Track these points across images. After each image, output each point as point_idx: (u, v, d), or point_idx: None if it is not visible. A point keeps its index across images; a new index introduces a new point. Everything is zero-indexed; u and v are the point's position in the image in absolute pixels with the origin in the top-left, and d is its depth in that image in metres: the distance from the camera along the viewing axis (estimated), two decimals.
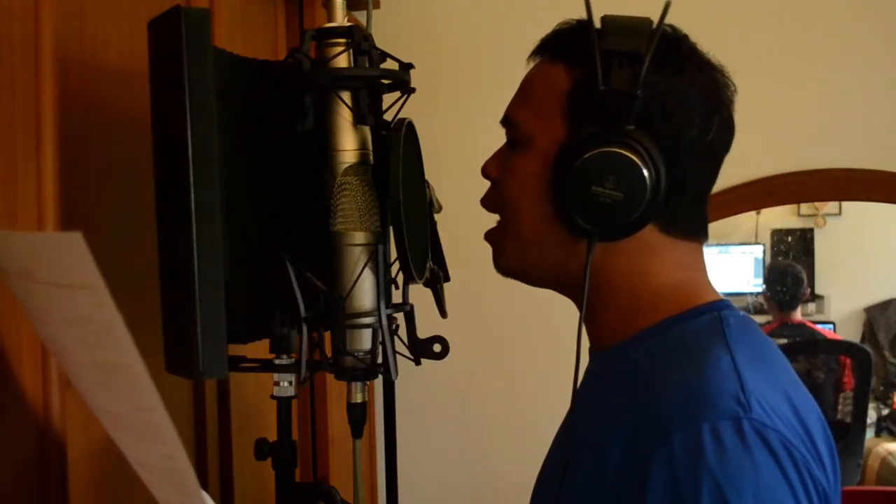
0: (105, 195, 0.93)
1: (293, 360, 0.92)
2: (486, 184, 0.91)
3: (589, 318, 0.86)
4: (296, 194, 0.95)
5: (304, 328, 0.90)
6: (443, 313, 1.02)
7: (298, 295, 0.90)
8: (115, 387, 0.60)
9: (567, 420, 0.88)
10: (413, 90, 0.96)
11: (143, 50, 0.84)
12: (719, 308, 0.80)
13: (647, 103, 0.76)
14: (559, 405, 0.87)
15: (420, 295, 0.99)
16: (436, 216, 1.03)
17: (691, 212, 0.82)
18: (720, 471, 0.65)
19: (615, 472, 0.72)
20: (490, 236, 0.90)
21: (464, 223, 2.00)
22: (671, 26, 0.80)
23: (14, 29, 0.77)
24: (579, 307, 0.82)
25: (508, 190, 0.85)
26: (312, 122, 0.91)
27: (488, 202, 0.89)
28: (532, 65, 0.88)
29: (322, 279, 0.91)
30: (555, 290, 0.88)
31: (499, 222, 0.88)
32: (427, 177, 1.01)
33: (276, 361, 0.93)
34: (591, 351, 0.89)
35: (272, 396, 0.95)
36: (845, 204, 4.87)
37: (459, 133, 1.98)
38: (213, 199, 0.79)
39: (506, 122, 0.87)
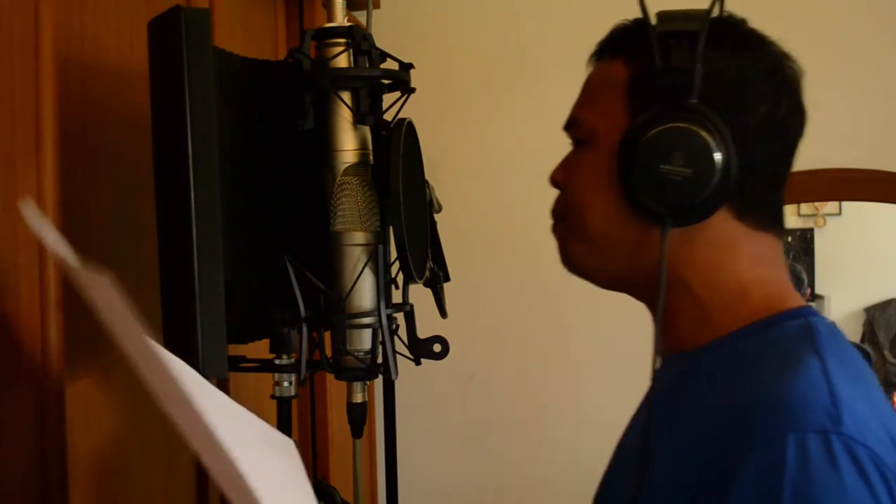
0: (105, 195, 0.93)
1: (293, 360, 0.92)
2: (484, 184, 0.91)
3: (664, 321, 0.81)
4: (296, 194, 0.94)
5: (304, 328, 0.90)
6: (443, 313, 1.02)
7: (298, 295, 0.90)
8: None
9: (642, 425, 0.83)
10: (413, 90, 0.96)
11: (143, 50, 0.84)
12: (807, 314, 0.77)
13: (709, 78, 0.73)
14: (559, 405, 0.87)
15: (420, 295, 0.99)
16: (436, 216, 1.03)
17: (767, 197, 0.79)
18: (803, 487, 0.62)
19: (697, 480, 0.69)
20: (558, 231, 0.86)
21: (464, 223, 2.01)
22: (730, 13, 0.78)
23: (14, 29, 0.77)
24: (652, 309, 0.79)
25: (574, 190, 0.82)
26: (312, 122, 0.91)
27: (556, 206, 0.85)
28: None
29: (322, 279, 0.91)
30: (625, 291, 0.85)
31: (566, 224, 0.85)
32: (427, 177, 1.01)
33: (276, 361, 0.93)
34: (665, 355, 0.84)
35: (272, 396, 0.95)
36: (845, 204, 4.87)
37: (459, 133, 1.98)
38: (213, 199, 0.79)
39: (569, 125, 0.84)
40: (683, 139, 0.74)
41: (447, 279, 1.03)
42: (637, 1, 0.76)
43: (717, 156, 0.73)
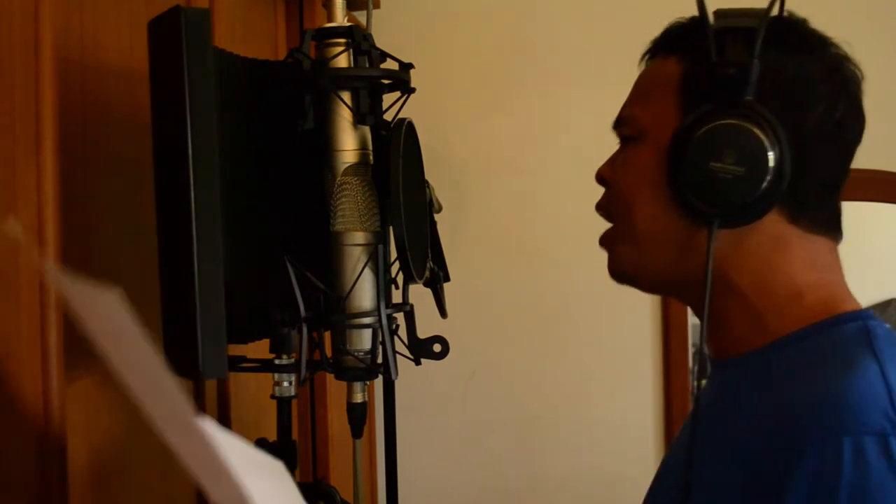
0: (105, 195, 0.92)
1: (293, 360, 0.92)
2: (484, 184, 0.91)
3: (711, 325, 0.79)
4: (296, 194, 0.94)
5: (304, 328, 0.90)
6: (443, 313, 1.02)
7: (298, 295, 0.90)
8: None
9: (689, 432, 0.80)
10: (413, 90, 0.96)
11: (143, 50, 0.84)
12: (865, 318, 0.74)
13: (766, 76, 0.71)
14: (559, 405, 0.87)
15: (420, 295, 0.99)
16: (436, 216, 1.03)
17: (821, 201, 0.76)
18: (859, 491, 0.60)
19: (748, 480, 0.67)
20: (605, 241, 0.83)
21: (464, 223, 2.01)
22: (790, 12, 0.77)
23: (14, 29, 0.77)
24: (699, 314, 0.76)
25: (621, 186, 0.80)
26: (312, 122, 0.91)
27: (602, 206, 0.83)
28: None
29: (322, 279, 0.91)
30: (671, 294, 0.83)
31: (613, 226, 0.83)
32: (427, 177, 1.01)
33: (276, 361, 0.93)
34: (715, 361, 0.82)
35: (272, 396, 0.95)
36: (845, 204, 4.86)
37: (460, 133, 1.98)
38: (213, 199, 0.79)
39: (618, 123, 0.82)
40: (736, 137, 0.71)
41: (447, 279, 1.03)
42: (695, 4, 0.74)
43: (771, 155, 0.71)
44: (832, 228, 0.78)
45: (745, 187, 0.71)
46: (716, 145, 0.72)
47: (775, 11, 0.75)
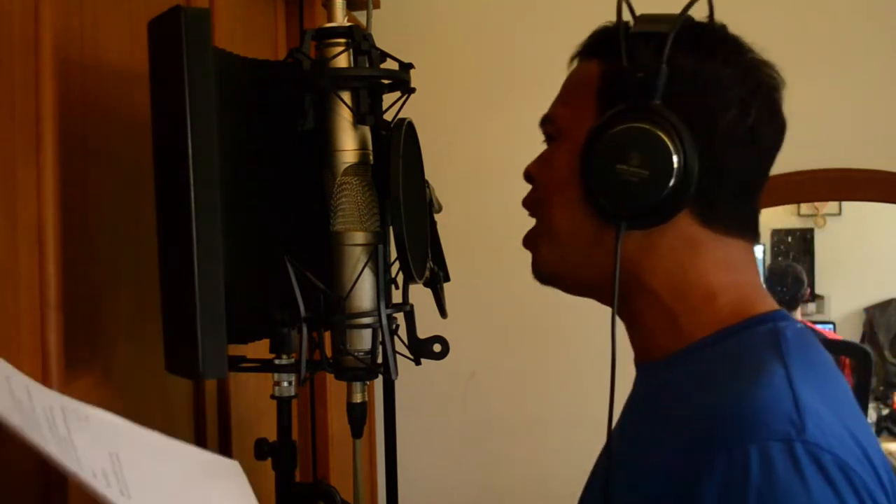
0: (105, 195, 0.92)
1: (293, 360, 0.92)
2: (484, 184, 0.91)
3: (631, 327, 0.81)
4: (296, 194, 0.95)
5: (304, 328, 0.90)
6: (443, 313, 1.02)
7: (298, 295, 0.90)
8: None
9: (611, 435, 0.82)
10: (413, 90, 0.96)
11: (143, 50, 0.84)
12: (777, 319, 0.75)
13: (675, 81, 0.72)
14: (559, 405, 0.87)
15: (420, 295, 0.99)
16: (436, 216, 1.03)
17: (734, 203, 0.77)
18: (768, 496, 0.61)
19: (661, 491, 0.68)
20: (527, 241, 0.85)
21: (464, 223, 2.01)
22: (710, 18, 0.78)
23: (14, 29, 0.77)
24: (621, 315, 0.78)
25: (541, 184, 0.83)
26: (312, 122, 0.91)
27: (527, 203, 0.85)
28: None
29: (322, 279, 0.91)
30: (594, 296, 0.84)
31: (535, 224, 0.85)
32: (427, 177, 1.01)
33: (276, 361, 0.93)
34: (637, 363, 0.84)
35: (272, 396, 0.95)
36: (845, 204, 4.87)
37: (460, 133, 1.98)
38: (213, 199, 0.79)
39: (543, 121, 0.85)
40: (642, 140, 0.72)
41: (447, 279, 1.03)
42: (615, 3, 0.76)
43: (675, 158, 0.72)
44: (748, 230, 0.79)
45: (650, 189, 0.72)
46: (622, 148, 0.73)
47: (704, 16, 0.76)
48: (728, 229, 0.77)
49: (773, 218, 4.91)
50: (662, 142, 0.72)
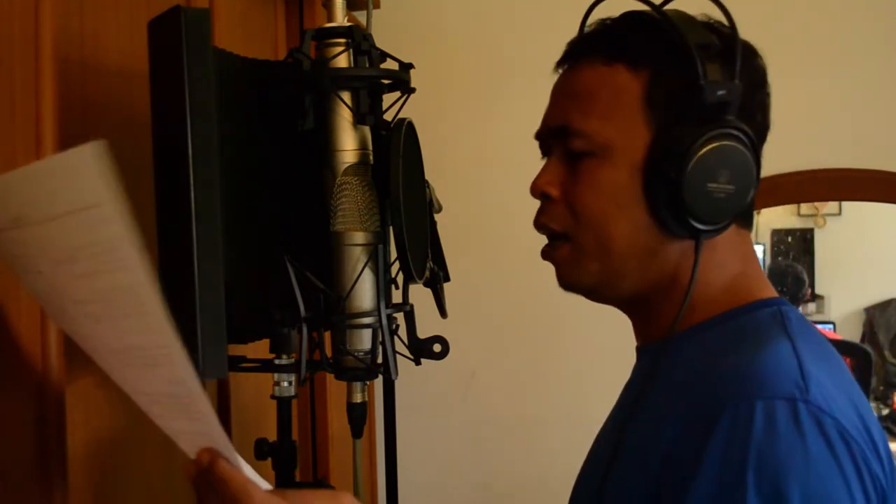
0: None
1: (293, 360, 0.92)
2: (484, 184, 0.91)
3: (637, 315, 0.85)
4: (296, 194, 0.94)
5: (304, 328, 0.90)
6: (443, 313, 1.02)
7: (298, 295, 0.90)
8: (117, 314, 0.59)
9: (614, 417, 0.88)
10: (413, 90, 0.96)
11: (143, 50, 0.84)
12: (779, 303, 0.79)
13: (745, 94, 0.76)
14: (559, 405, 0.87)
15: (420, 295, 0.99)
16: (436, 216, 1.03)
17: (753, 200, 0.81)
18: (768, 451, 0.64)
19: (669, 449, 0.70)
20: (558, 256, 0.82)
21: (464, 223, 2.01)
22: (718, 22, 0.79)
23: (14, 29, 0.77)
24: (636, 315, 0.84)
25: (592, 205, 0.78)
26: (312, 122, 0.91)
27: (554, 222, 0.82)
28: (559, 72, 0.86)
29: (322, 279, 0.91)
30: (619, 305, 0.86)
31: (571, 241, 0.81)
32: (427, 177, 1.01)
33: (276, 361, 0.93)
34: (640, 347, 0.88)
35: (272, 396, 0.95)
36: (845, 204, 4.87)
37: (460, 133, 1.98)
38: (213, 199, 0.79)
39: (561, 132, 0.81)
40: (732, 157, 0.74)
41: (447, 279, 1.03)
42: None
43: (755, 170, 0.76)
44: (750, 222, 0.84)
45: (736, 203, 0.75)
46: (713, 167, 0.74)
47: (698, 11, 0.78)
48: (746, 224, 0.82)
49: (774, 218, 4.92)
50: (748, 158, 0.75)
